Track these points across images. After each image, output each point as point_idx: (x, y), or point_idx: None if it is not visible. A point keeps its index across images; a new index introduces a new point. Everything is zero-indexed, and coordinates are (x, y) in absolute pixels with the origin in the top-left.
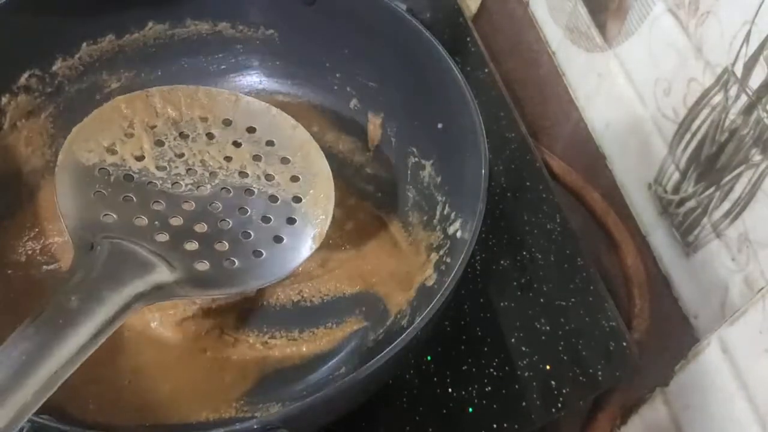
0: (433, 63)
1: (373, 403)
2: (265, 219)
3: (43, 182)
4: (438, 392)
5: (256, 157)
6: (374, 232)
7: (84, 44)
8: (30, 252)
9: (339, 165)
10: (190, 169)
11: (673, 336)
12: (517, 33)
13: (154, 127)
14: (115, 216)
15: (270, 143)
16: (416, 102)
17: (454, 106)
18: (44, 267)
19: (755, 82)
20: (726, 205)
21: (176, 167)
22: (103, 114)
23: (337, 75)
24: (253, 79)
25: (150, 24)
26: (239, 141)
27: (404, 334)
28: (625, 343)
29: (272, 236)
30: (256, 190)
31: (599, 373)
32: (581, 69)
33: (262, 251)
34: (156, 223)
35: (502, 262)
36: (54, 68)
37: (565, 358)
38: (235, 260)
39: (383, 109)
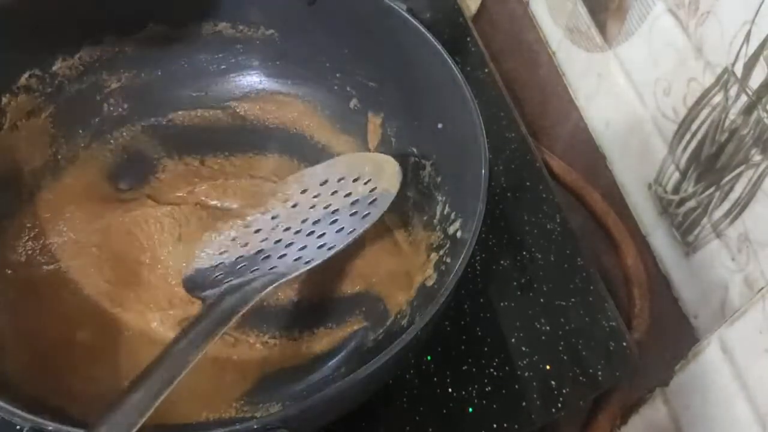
0: (433, 63)
1: (373, 403)
2: (353, 215)
3: (43, 182)
4: (438, 392)
5: (334, 192)
6: (374, 232)
7: (84, 44)
8: (30, 252)
9: None
10: (286, 228)
11: (673, 336)
12: (517, 33)
13: (249, 225)
14: (234, 277)
15: (341, 179)
16: (416, 102)
17: (454, 106)
18: (44, 267)
19: (755, 82)
20: (726, 205)
21: (276, 233)
22: (207, 238)
23: (337, 75)
24: (253, 79)
25: (150, 24)
26: (316, 194)
27: (404, 334)
28: (625, 343)
29: (360, 217)
30: (340, 207)
31: (599, 373)
32: (581, 69)
33: (355, 228)
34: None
35: (502, 262)
36: (54, 68)
37: (565, 358)
38: (335, 245)
39: (383, 109)
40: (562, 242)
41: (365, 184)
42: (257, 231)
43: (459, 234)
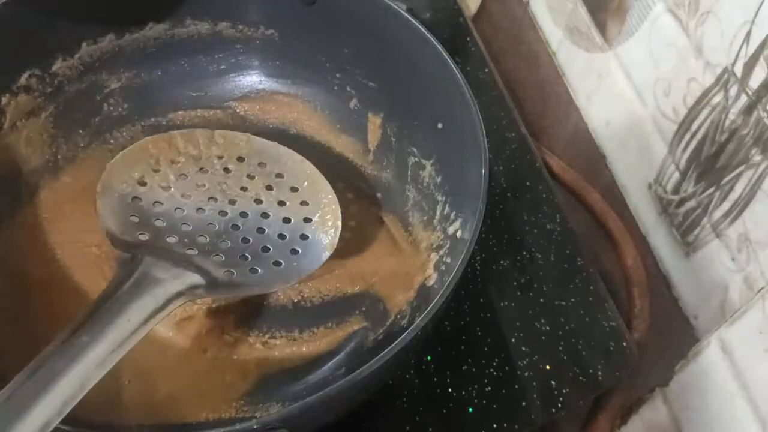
0: (433, 63)
1: (373, 403)
2: (281, 236)
3: (42, 182)
4: (438, 392)
5: (269, 187)
6: (374, 232)
7: (84, 44)
8: (30, 252)
9: (339, 165)
10: (211, 197)
11: (673, 336)
12: (517, 33)
13: (178, 163)
14: (148, 235)
15: (279, 176)
16: (416, 102)
17: (454, 106)
18: (44, 267)
19: (755, 82)
20: (726, 205)
21: (199, 196)
22: (132, 152)
23: (337, 75)
24: (253, 79)
25: (150, 24)
26: (252, 174)
27: (404, 334)
28: (625, 343)
29: (289, 249)
30: (271, 214)
31: (599, 373)
32: (581, 69)
33: (281, 261)
34: (185, 240)
35: (502, 262)
36: (54, 68)
37: (565, 358)
38: (258, 269)
39: (383, 109)
40: (562, 242)
41: (301, 204)
42: (182, 176)
43: (459, 234)
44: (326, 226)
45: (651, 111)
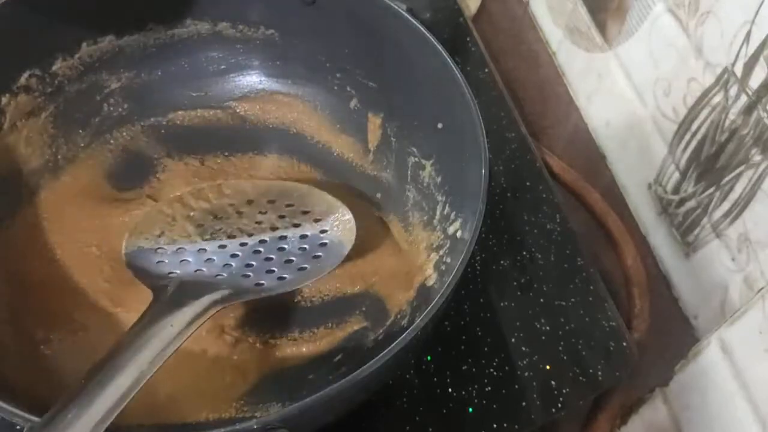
0: (433, 63)
1: (373, 403)
2: (302, 249)
3: (43, 182)
4: (438, 392)
5: (281, 216)
6: (374, 232)
7: (84, 44)
8: (30, 252)
9: (339, 165)
10: (230, 236)
11: (673, 336)
12: (517, 33)
13: (193, 216)
14: (179, 271)
15: (289, 205)
16: (416, 102)
17: (454, 106)
18: (44, 267)
19: (755, 82)
20: (726, 205)
21: (219, 236)
22: (149, 216)
23: (337, 75)
24: (253, 79)
25: (150, 24)
26: (264, 210)
27: (404, 334)
28: (625, 343)
29: (311, 256)
30: (288, 235)
31: (599, 373)
32: (581, 69)
33: (306, 266)
34: (213, 270)
35: (502, 262)
36: (54, 68)
37: (565, 358)
38: (286, 276)
39: (383, 109)
40: (562, 242)
41: (315, 222)
42: (199, 225)
43: (459, 234)
44: (342, 231)
45: (651, 111)
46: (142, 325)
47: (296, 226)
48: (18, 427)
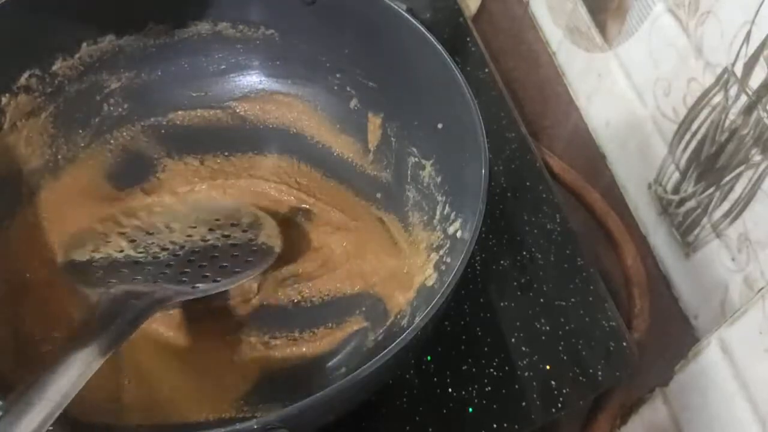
0: (433, 63)
1: (373, 403)
2: (234, 256)
3: (42, 182)
4: (438, 392)
5: (211, 230)
6: (374, 232)
7: (84, 44)
8: (30, 252)
9: (339, 165)
10: (163, 248)
11: (673, 336)
12: (517, 33)
13: (125, 233)
14: (116, 279)
15: (217, 220)
16: (416, 102)
17: (454, 106)
18: (44, 267)
19: (755, 82)
20: (726, 205)
21: (152, 249)
22: (82, 233)
23: (337, 75)
24: (253, 79)
25: (150, 24)
26: (194, 225)
27: (404, 334)
28: (625, 343)
29: (243, 261)
30: (219, 244)
31: (599, 373)
32: (581, 69)
33: (238, 269)
34: (149, 277)
35: (502, 262)
36: (54, 68)
37: (565, 358)
38: (220, 278)
39: (383, 109)
40: (562, 242)
41: (243, 232)
42: (132, 241)
43: (459, 234)
44: (270, 239)
45: (651, 111)
46: (73, 345)
47: (226, 236)
48: None
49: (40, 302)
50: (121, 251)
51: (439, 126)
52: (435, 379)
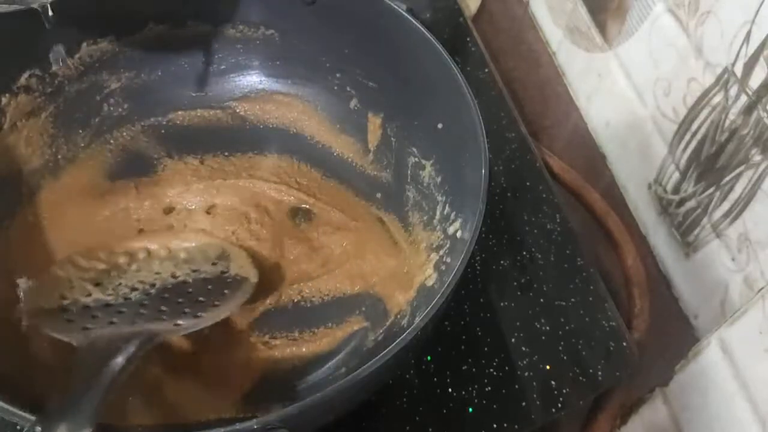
0: (433, 63)
1: (373, 403)
2: (208, 290)
3: (43, 182)
4: (438, 392)
5: (177, 265)
6: (374, 232)
7: (84, 44)
8: (30, 252)
9: (339, 165)
10: (133, 288)
11: (673, 336)
12: (517, 33)
13: (90, 276)
14: (90, 324)
15: (186, 254)
16: (416, 102)
17: (454, 106)
18: (44, 267)
19: (755, 82)
20: (726, 205)
21: (121, 290)
22: (44, 281)
23: (337, 75)
24: (253, 79)
25: (150, 24)
26: (161, 261)
27: (404, 334)
28: (625, 343)
29: (220, 293)
30: (190, 280)
31: (599, 373)
32: (581, 69)
33: (217, 303)
34: (125, 318)
35: (502, 262)
36: (54, 68)
37: (565, 358)
38: (201, 313)
39: (383, 109)
40: (562, 242)
41: (213, 264)
42: (98, 284)
43: (459, 234)
44: (242, 270)
45: (651, 111)
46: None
47: (195, 271)
48: (18, 427)
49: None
50: (89, 295)
51: (439, 126)
52: (435, 379)
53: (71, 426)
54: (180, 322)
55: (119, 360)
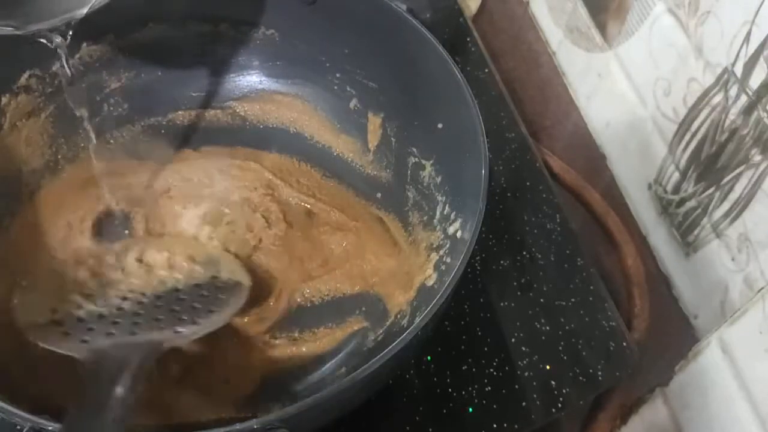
0: (433, 63)
1: (373, 403)
2: (202, 296)
3: (43, 182)
4: (438, 392)
5: (167, 272)
6: (374, 232)
7: (84, 44)
8: (30, 252)
9: (339, 165)
10: (124, 297)
11: (673, 336)
12: (517, 33)
13: (80, 290)
14: (88, 336)
15: (172, 261)
16: (416, 102)
17: (454, 106)
18: (44, 267)
19: (755, 82)
20: (726, 205)
21: (112, 300)
22: (32, 297)
23: (337, 75)
24: (253, 79)
25: (150, 24)
26: (148, 270)
27: (404, 334)
28: (625, 343)
29: (215, 299)
30: (181, 286)
31: (599, 373)
32: (581, 69)
33: (213, 309)
34: (124, 330)
35: (502, 262)
36: (54, 68)
37: (565, 358)
38: (198, 320)
39: (383, 109)
40: (562, 242)
41: (203, 270)
42: (89, 296)
43: (459, 234)
44: (235, 274)
45: (651, 111)
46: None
47: (187, 278)
48: (18, 427)
49: None
50: (80, 307)
51: (439, 126)
52: (435, 379)
53: None
54: (179, 329)
55: (127, 377)
